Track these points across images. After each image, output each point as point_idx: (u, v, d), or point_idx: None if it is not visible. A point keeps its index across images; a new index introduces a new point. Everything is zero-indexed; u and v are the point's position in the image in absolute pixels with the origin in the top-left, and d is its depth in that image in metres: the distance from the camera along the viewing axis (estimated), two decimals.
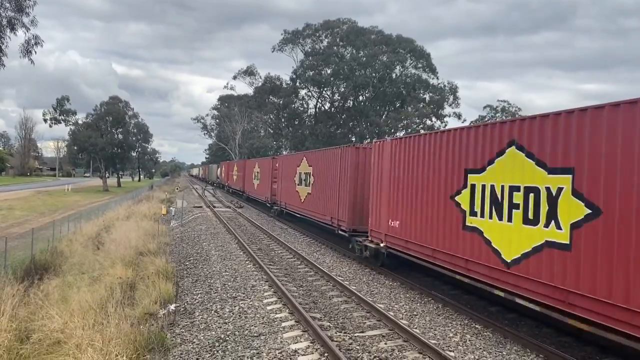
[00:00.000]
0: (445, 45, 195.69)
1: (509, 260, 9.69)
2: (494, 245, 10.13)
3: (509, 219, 9.67)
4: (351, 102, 74.15)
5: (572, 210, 8.35)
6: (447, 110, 70.65)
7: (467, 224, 10.98)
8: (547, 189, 8.83)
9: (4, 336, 10.30)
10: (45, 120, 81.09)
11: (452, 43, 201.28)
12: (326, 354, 8.78)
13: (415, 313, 11.62)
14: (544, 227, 8.88)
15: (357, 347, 9.22)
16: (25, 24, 22.38)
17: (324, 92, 75.59)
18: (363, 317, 11.18)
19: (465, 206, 11.07)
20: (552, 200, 8.73)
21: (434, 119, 68.24)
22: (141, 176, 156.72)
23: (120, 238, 21.05)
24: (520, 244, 9.40)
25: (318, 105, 76.81)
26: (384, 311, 11.16)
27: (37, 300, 12.64)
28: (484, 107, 66.57)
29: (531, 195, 9.17)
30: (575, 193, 8.31)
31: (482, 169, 10.55)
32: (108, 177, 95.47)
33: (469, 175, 10.97)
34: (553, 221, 8.70)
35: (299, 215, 26.40)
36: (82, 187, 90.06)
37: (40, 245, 20.61)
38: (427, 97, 71.43)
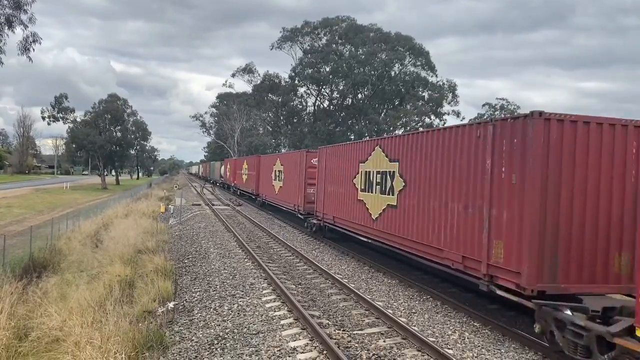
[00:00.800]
0: (444, 43, 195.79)
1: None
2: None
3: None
4: (350, 100, 74.19)
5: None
6: (446, 108, 70.76)
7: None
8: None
9: (3, 334, 10.31)
10: (43, 118, 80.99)
11: (451, 41, 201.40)
12: (325, 352, 8.79)
13: (414, 311, 11.63)
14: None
15: (356, 345, 9.23)
16: (23, 22, 22.37)
17: (322, 90, 75.61)
18: (362, 314, 11.19)
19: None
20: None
21: (432, 117, 68.30)
22: (140, 174, 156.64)
23: (119, 236, 21.06)
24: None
25: (317, 103, 76.86)
26: (382, 309, 11.17)
27: (35, 298, 12.65)
28: (483, 105, 66.67)
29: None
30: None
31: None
32: (107, 175, 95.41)
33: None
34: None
35: (364, 239, 17.26)
36: (81, 185, 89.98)
37: (39, 243, 20.60)
38: (426, 95, 71.49)
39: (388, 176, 15.04)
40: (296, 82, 74.13)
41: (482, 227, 9.94)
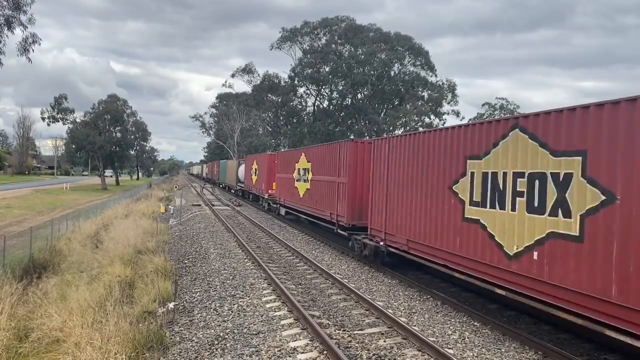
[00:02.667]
0: (444, 42, 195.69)
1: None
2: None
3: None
4: (350, 100, 74.22)
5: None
6: (446, 107, 70.76)
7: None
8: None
9: (3, 335, 10.30)
10: (43, 119, 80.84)
11: (450, 41, 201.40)
12: (325, 352, 8.79)
13: (414, 310, 11.64)
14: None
15: (356, 345, 9.23)
16: (22, 22, 22.34)
17: (322, 90, 75.64)
18: (362, 314, 11.19)
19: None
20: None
21: (432, 116, 68.31)
22: (140, 174, 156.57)
23: (119, 236, 21.05)
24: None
25: (316, 103, 76.89)
26: (382, 309, 11.17)
27: (35, 299, 12.65)
28: (483, 105, 66.64)
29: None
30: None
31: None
32: (111, 176, 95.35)
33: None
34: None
35: (479, 282, 11.12)
36: (81, 186, 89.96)
37: (39, 243, 20.58)
38: (425, 94, 71.52)
39: (550, 181, 8.77)
40: (296, 82, 74.19)
41: None
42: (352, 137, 67.10)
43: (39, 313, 11.40)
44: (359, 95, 73.89)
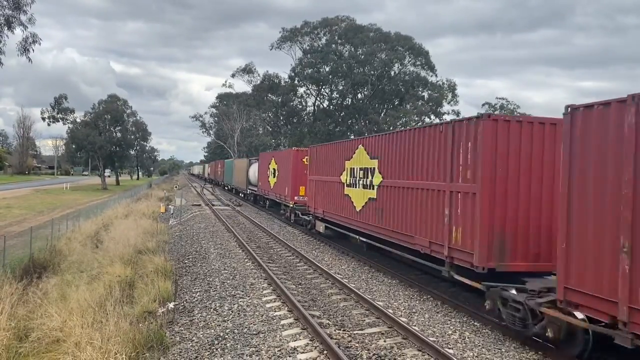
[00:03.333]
0: (444, 42, 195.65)
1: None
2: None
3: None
4: (350, 100, 74.21)
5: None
6: (446, 107, 70.78)
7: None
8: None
9: (3, 335, 10.30)
10: (43, 119, 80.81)
11: (450, 40, 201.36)
12: (325, 352, 8.79)
13: (414, 310, 11.64)
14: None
15: (356, 345, 9.23)
16: (22, 22, 22.35)
17: (322, 89, 75.65)
18: (362, 314, 11.19)
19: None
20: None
21: (432, 116, 68.31)
22: (140, 174, 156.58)
23: (119, 236, 21.05)
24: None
25: (317, 103, 76.89)
26: (383, 308, 11.17)
27: (35, 299, 12.65)
28: (483, 105, 66.78)
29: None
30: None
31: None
32: (109, 177, 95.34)
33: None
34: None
35: None
36: (81, 186, 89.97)
37: (39, 243, 20.59)
38: (425, 94, 71.54)
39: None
40: (296, 82, 74.18)
41: None
42: (352, 137, 67.17)
43: (39, 313, 11.40)
44: (359, 95, 73.91)
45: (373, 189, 15.90)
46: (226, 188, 61.78)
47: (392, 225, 14.47)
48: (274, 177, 31.49)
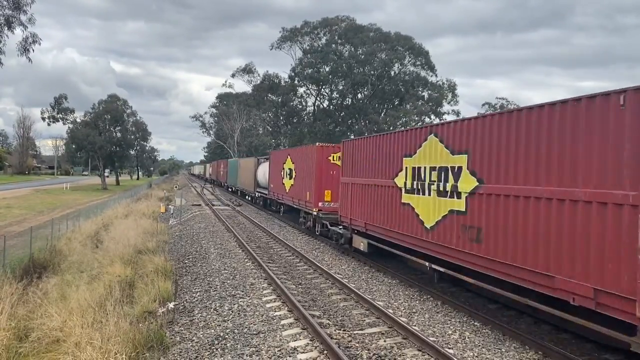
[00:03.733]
0: (444, 42, 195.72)
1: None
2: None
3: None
4: (350, 100, 74.21)
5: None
6: (446, 107, 70.78)
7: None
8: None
9: (3, 335, 10.30)
10: (43, 119, 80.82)
11: (450, 40, 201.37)
12: (325, 352, 8.79)
13: (414, 310, 11.63)
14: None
15: (357, 345, 9.23)
16: (23, 22, 22.36)
17: (322, 89, 75.65)
18: (362, 314, 11.19)
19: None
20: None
21: (432, 116, 68.29)
22: (140, 174, 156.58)
23: (119, 236, 21.05)
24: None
25: (317, 103, 76.89)
26: (383, 308, 11.16)
27: (36, 299, 12.65)
28: (483, 105, 66.77)
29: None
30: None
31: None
32: (107, 177, 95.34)
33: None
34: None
35: None
36: (81, 186, 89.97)
37: (39, 243, 20.58)
38: (425, 94, 71.54)
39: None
40: (296, 82, 74.18)
41: None
42: (352, 137, 67.05)
43: (39, 313, 11.40)
44: (359, 95, 73.90)
45: (459, 197, 11.21)
46: (230, 190, 57.54)
47: (502, 254, 9.70)
48: (290, 178, 26.98)
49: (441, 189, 11.83)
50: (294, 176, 26.46)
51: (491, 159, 10.14)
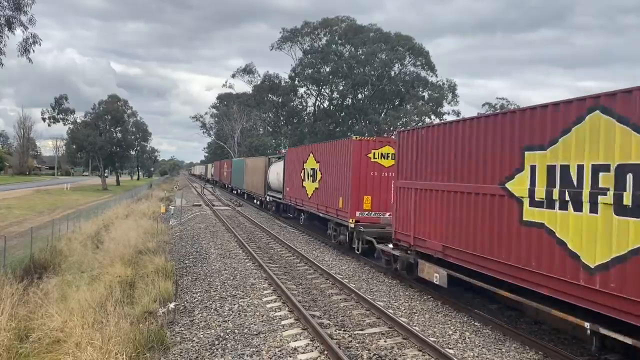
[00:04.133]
0: (444, 43, 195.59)
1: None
2: None
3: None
4: (350, 100, 74.22)
5: None
6: (446, 108, 70.80)
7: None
8: None
9: (4, 335, 10.30)
10: (43, 119, 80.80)
11: (450, 41, 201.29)
12: (325, 352, 8.79)
13: (414, 311, 11.64)
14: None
15: (357, 345, 9.23)
16: (23, 23, 22.31)
17: (322, 90, 75.66)
18: (362, 314, 11.19)
19: None
20: None
21: (432, 116, 68.28)
22: (140, 175, 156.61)
23: (120, 237, 21.04)
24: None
25: (317, 104, 76.91)
26: (383, 309, 11.17)
27: (36, 299, 12.64)
28: (483, 105, 66.79)
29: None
30: None
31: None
32: (107, 177, 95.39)
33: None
34: None
35: None
36: (81, 186, 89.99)
37: (40, 244, 20.58)
38: (426, 95, 71.54)
39: None
40: (296, 82, 74.20)
41: None
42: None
43: (40, 313, 11.40)
44: (360, 96, 73.89)
45: None
46: (235, 192, 53.31)
47: None
48: (314, 180, 22.47)
49: (624, 202, 7.20)
50: (318, 178, 22.00)
51: None
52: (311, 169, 23.23)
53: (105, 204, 42.79)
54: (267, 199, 33.89)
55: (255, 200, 40.03)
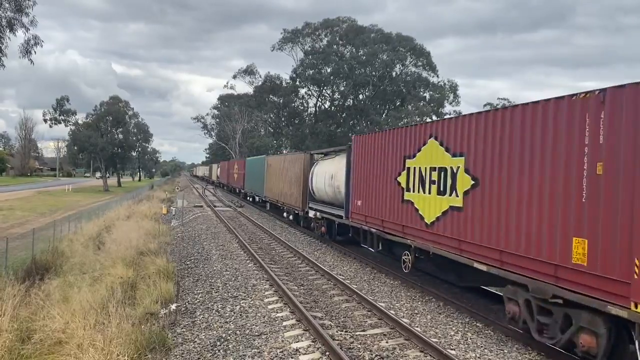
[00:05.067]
0: (445, 43, 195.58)
1: None
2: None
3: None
4: (351, 101, 74.15)
5: None
6: (448, 108, 70.67)
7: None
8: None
9: (6, 336, 10.31)
10: (45, 121, 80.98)
11: (451, 41, 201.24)
12: (327, 353, 8.78)
13: (416, 311, 11.62)
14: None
15: (359, 346, 9.22)
16: (24, 24, 22.40)
17: (324, 90, 75.60)
18: (364, 315, 11.18)
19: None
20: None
21: (434, 117, 68.22)
22: (141, 176, 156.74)
23: (121, 238, 21.06)
24: None
25: (318, 104, 76.83)
26: (385, 310, 11.15)
27: (38, 301, 12.64)
28: (484, 105, 66.60)
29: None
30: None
31: None
32: (108, 177, 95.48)
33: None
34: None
35: None
36: (83, 187, 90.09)
37: (41, 245, 20.61)
38: (427, 95, 71.47)
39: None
40: (297, 83, 74.13)
41: None
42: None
43: (42, 315, 11.40)
44: (361, 96, 73.81)
45: None
46: (250, 199, 43.67)
47: None
48: (445, 192, 12.03)
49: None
50: (465, 187, 11.20)
51: None
52: (436, 168, 12.45)
53: (106, 205, 42.83)
54: (310, 214, 23.44)
55: (286, 215, 28.91)
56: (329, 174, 20.97)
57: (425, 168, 13.00)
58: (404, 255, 14.23)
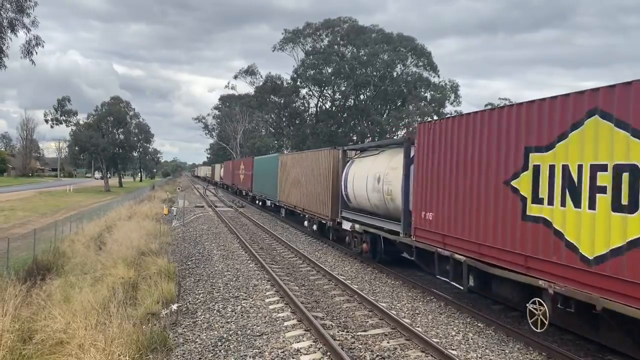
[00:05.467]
0: (446, 43, 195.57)
1: None
2: None
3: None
4: (352, 101, 74.14)
5: None
6: (449, 108, 70.57)
7: None
8: None
9: (7, 337, 10.31)
10: (46, 121, 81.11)
11: (452, 41, 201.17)
12: (328, 353, 8.78)
13: (417, 312, 11.61)
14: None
15: (360, 346, 9.22)
16: (26, 25, 22.45)
17: (325, 91, 75.59)
18: (365, 315, 11.18)
19: None
20: None
21: (435, 117, 68.19)
22: (143, 176, 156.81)
23: (122, 238, 21.07)
24: None
25: (319, 105, 76.82)
26: (386, 310, 11.15)
27: (39, 301, 12.65)
28: (486, 105, 66.55)
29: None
30: None
31: None
32: (109, 178, 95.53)
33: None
34: None
35: None
36: (84, 188, 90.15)
37: (43, 245, 20.63)
38: (428, 95, 71.42)
39: None
40: (298, 83, 74.12)
41: None
42: (354, 138, 67.01)
43: (43, 315, 11.41)
44: (362, 96, 73.80)
45: None
46: (260, 203, 39.12)
47: None
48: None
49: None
50: None
51: None
52: (608, 167, 7.90)
53: (107, 205, 42.85)
54: (344, 225, 19.21)
55: (307, 224, 24.36)
56: (374, 175, 16.39)
57: (580, 166, 8.21)
58: (530, 304, 9.42)
